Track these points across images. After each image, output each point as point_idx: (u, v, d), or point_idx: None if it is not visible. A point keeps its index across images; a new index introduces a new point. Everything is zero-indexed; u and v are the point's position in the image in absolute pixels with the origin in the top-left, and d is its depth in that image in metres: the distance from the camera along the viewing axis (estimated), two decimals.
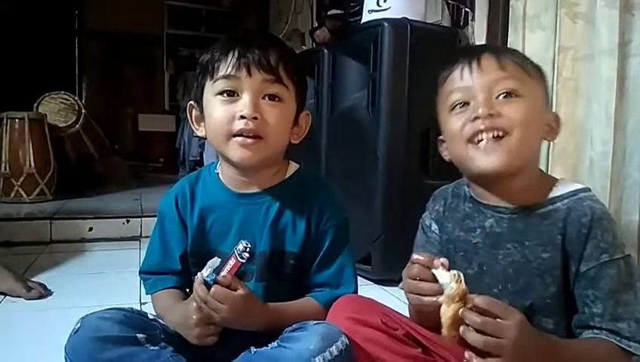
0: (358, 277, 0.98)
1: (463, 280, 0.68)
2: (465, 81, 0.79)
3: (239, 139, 0.86)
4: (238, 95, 0.86)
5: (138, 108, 5.69)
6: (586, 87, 1.45)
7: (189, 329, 0.84)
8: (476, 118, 0.76)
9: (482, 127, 0.76)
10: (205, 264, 0.84)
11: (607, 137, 1.41)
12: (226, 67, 0.86)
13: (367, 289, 1.73)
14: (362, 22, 2.00)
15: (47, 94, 3.36)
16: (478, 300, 0.66)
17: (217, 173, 0.98)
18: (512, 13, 1.65)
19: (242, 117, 0.85)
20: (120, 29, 5.27)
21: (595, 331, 0.73)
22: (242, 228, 0.92)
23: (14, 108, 2.99)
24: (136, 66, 5.75)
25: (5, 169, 2.89)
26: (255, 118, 0.85)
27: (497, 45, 1.61)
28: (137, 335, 0.81)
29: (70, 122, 3.39)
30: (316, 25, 2.63)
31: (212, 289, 0.80)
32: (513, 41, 1.64)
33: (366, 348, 0.81)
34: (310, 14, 3.46)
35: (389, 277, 1.76)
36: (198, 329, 0.83)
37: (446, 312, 0.68)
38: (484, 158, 0.77)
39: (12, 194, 2.90)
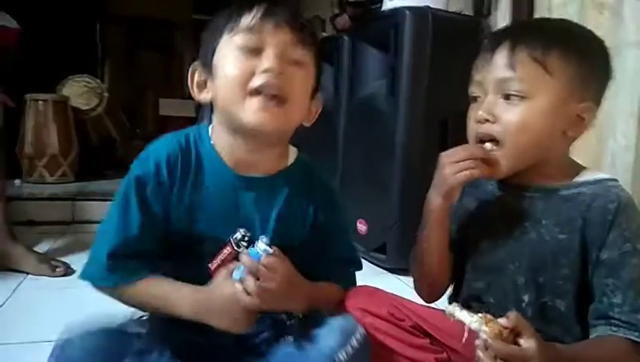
0: (373, 266, 0.98)
1: (491, 319, 0.64)
2: (479, 74, 0.80)
3: (258, 99, 0.74)
4: (259, 52, 0.75)
5: (159, 93, 5.73)
6: (611, 80, 1.42)
7: (232, 314, 0.72)
8: (478, 121, 0.78)
9: (479, 132, 0.78)
10: (189, 247, 0.78)
11: (630, 131, 1.38)
12: (249, 19, 0.75)
13: (382, 278, 1.73)
14: (383, 9, 1.98)
15: (70, 77, 3.40)
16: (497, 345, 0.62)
17: (212, 144, 0.82)
18: (537, 2, 1.62)
19: (266, 70, 0.73)
20: (142, 14, 5.30)
21: (613, 327, 0.71)
22: (241, 215, 0.80)
23: (38, 90, 3.04)
24: (157, 51, 5.78)
25: (29, 150, 2.95)
26: (280, 73, 0.74)
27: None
28: None
29: (93, 105, 3.43)
30: (337, 11, 2.62)
31: (263, 260, 0.70)
32: None
33: (374, 335, 0.81)
34: (331, 0, 3.43)
35: (403, 266, 1.75)
36: (247, 313, 0.72)
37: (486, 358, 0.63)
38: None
39: (35, 175, 2.96)
